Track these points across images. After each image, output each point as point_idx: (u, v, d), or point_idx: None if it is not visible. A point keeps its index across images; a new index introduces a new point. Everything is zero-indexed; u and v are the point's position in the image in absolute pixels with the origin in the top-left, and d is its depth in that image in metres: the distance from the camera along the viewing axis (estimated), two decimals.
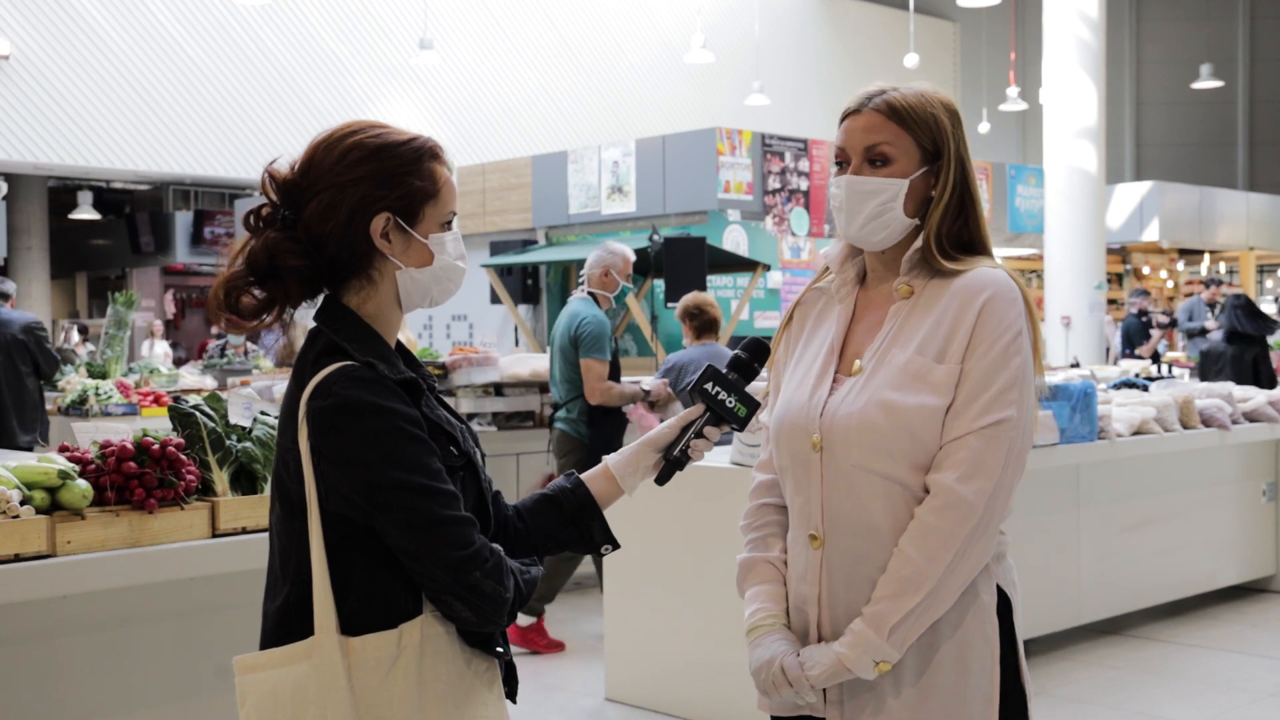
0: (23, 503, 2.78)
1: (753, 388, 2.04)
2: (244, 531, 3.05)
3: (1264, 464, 6.91)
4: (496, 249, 11.11)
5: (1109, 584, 6.01)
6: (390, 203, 1.78)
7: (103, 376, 8.11)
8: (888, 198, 1.97)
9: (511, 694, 1.89)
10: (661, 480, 2.00)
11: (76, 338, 11.70)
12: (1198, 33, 25.07)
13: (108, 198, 18.94)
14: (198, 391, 7.76)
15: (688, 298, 6.52)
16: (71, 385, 7.66)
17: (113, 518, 2.87)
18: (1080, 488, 5.88)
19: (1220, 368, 9.43)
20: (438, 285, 1.85)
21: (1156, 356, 13.78)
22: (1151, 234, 18.12)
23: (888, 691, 1.93)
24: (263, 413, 3.31)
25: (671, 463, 1.98)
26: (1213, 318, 14.07)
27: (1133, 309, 14.52)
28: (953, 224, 1.99)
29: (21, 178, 16.28)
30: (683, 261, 8.68)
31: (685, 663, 4.79)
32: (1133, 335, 14.17)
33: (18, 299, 10.15)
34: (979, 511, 1.87)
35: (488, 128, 17.84)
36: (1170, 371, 10.01)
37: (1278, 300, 20.62)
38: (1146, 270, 20.04)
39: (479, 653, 1.80)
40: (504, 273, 10.82)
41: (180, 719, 3.16)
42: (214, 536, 3.02)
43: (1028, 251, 15.49)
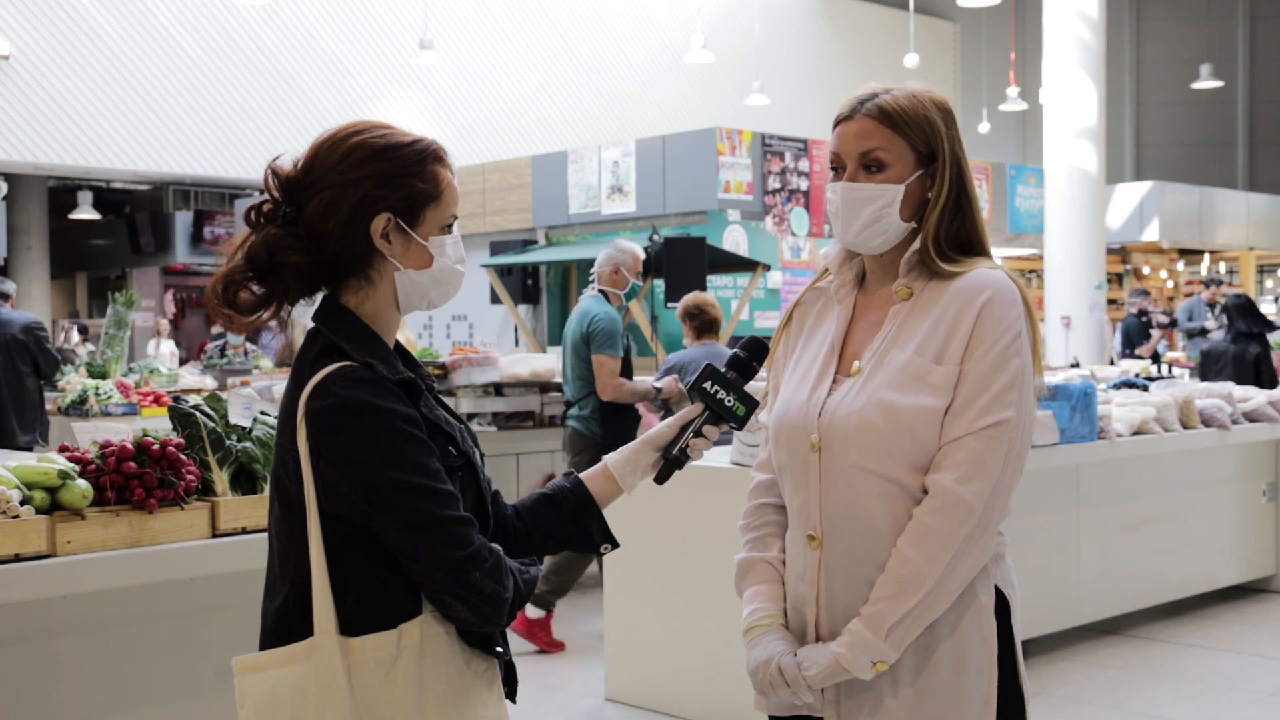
0: (23, 503, 2.78)
1: (752, 387, 2.05)
2: (244, 531, 3.05)
3: (1264, 464, 6.91)
4: (496, 249, 11.10)
5: (1109, 584, 6.01)
6: (392, 203, 1.78)
7: (103, 376, 8.11)
8: (884, 204, 1.97)
9: (511, 694, 1.89)
10: (661, 479, 2.01)
11: (76, 338, 11.69)
12: (1198, 33, 25.06)
13: (108, 198, 18.93)
14: (198, 391, 7.76)
15: (688, 298, 6.52)
16: (71, 385, 7.66)
17: (113, 518, 2.87)
18: (1080, 488, 5.88)
19: (1221, 367, 9.42)
20: (436, 288, 1.85)
21: (1156, 356, 13.77)
22: (1151, 234, 18.11)
23: (885, 691, 1.93)
24: (263, 413, 3.31)
25: (671, 461, 1.98)
26: (1213, 318, 14.06)
27: (1133, 309, 14.52)
28: (950, 225, 1.99)
29: (21, 178, 16.27)
30: (683, 261, 8.67)
31: (685, 663, 4.79)
32: (1133, 335, 14.16)
33: (18, 299, 10.15)
34: (978, 512, 1.87)
35: (488, 128, 17.84)
36: (1170, 371, 10.01)
37: (1278, 300, 20.61)
38: (1146, 270, 20.03)
39: (479, 653, 1.80)
40: (504, 273, 10.82)
41: (180, 719, 3.16)
42: (214, 536, 3.02)
43: (1028, 251, 15.48)
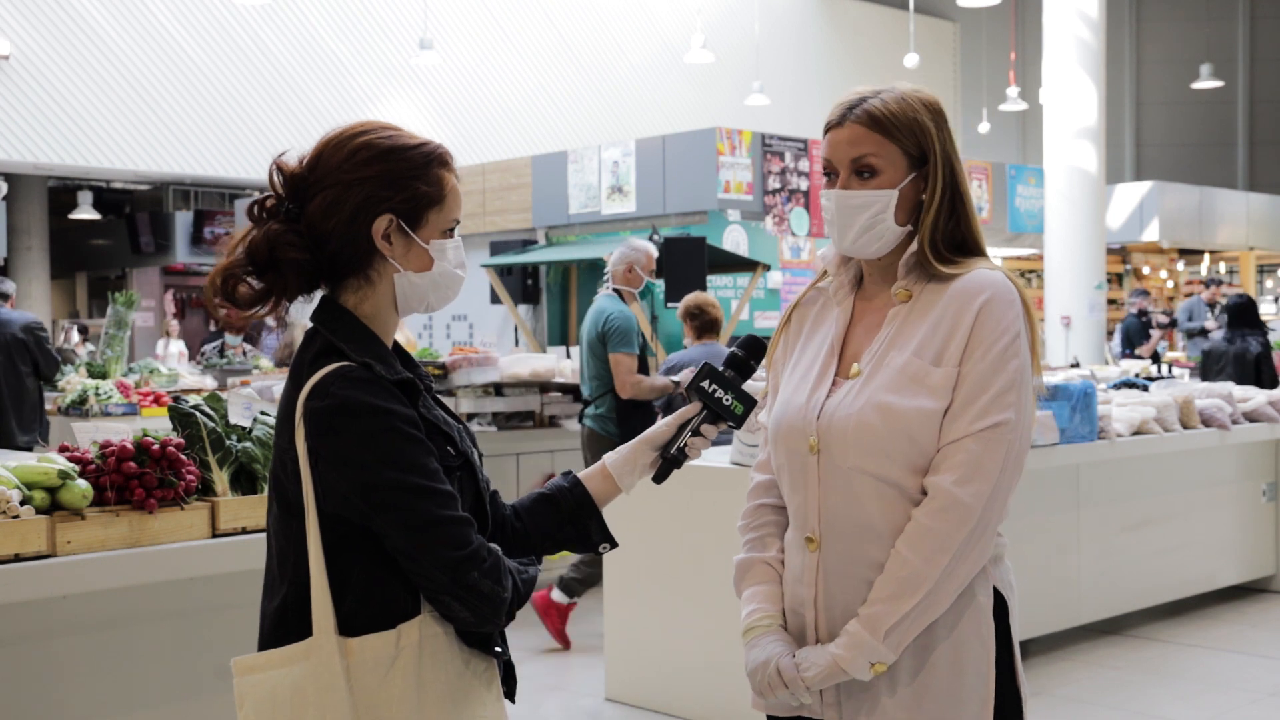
0: (23, 503, 2.78)
1: (751, 386, 2.05)
2: (244, 531, 3.05)
3: (1264, 464, 6.91)
4: (496, 249, 11.09)
5: (1109, 584, 6.01)
6: (395, 205, 1.78)
7: (103, 376, 8.11)
8: (878, 209, 1.97)
9: (510, 694, 1.89)
10: (659, 478, 2.01)
11: (76, 338, 11.68)
12: (1198, 33, 25.05)
13: (108, 198, 18.91)
14: (198, 391, 7.76)
15: (689, 298, 6.53)
16: (71, 385, 7.66)
17: (113, 518, 2.87)
18: (1080, 488, 5.88)
19: (1221, 367, 9.41)
20: (435, 292, 1.85)
21: (1156, 356, 13.77)
22: (1151, 234, 18.10)
23: (883, 692, 1.93)
24: (263, 413, 3.32)
25: (669, 461, 1.98)
26: (1212, 318, 14.05)
27: (1132, 309, 14.51)
28: (945, 226, 1.99)
29: (21, 178, 16.26)
30: (683, 261, 8.66)
31: (685, 663, 4.79)
32: (1133, 335, 14.15)
33: (18, 299, 10.16)
34: (976, 514, 1.87)
35: (488, 128, 17.83)
36: (1170, 371, 10.00)
37: (1278, 300, 20.60)
38: (1146, 270, 20.02)
39: (477, 653, 1.80)
40: (504, 273, 10.81)
41: (180, 719, 3.16)
42: (214, 536, 3.02)
43: (1028, 251, 15.47)
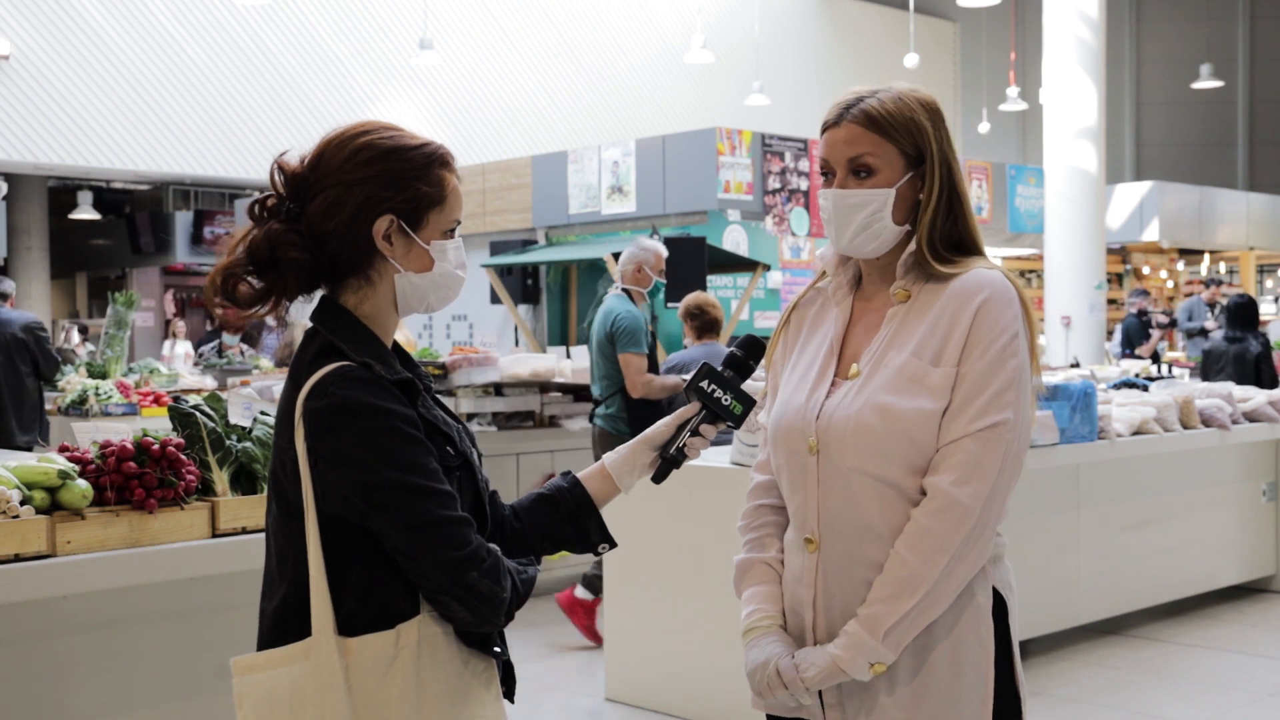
0: (23, 503, 2.78)
1: (751, 386, 2.04)
2: (244, 531, 3.06)
3: (1264, 464, 6.91)
4: (496, 249, 11.08)
5: (1109, 584, 6.01)
6: (395, 205, 1.78)
7: (103, 376, 8.11)
8: (875, 209, 1.97)
9: (509, 694, 1.89)
10: (659, 478, 2.01)
11: (77, 338, 11.67)
12: (1198, 33, 25.05)
13: (108, 198, 18.91)
14: (198, 391, 7.76)
15: (690, 298, 6.53)
16: (71, 385, 7.66)
17: (113, 518, 2.87)
18: (1080, 488, 5.88)
19: (1221, 367, 9.40)
20: (435, 292, 1.85)
21: (1156, 356, 13.76)
22: (1151, 234, 18.09)
23: (882, 692, 1.93)
24: (263, 413, 3.31)
25: (668, 461, 1.98)
26: (1212, 318, 14.05)
27: (1132, 309, 14.51)
28: (943, 225, 1.99)
29: (21, 178, 16.26)
30: (683, 261, 8.65)
31: (685, 663, 4.79)
32: (1132, 335, 14.14)
33: (18, 299, 10.16)
34: (975, 514, 1.87)
35: (488, 128, 17.83)
36: (1170, 371, 10.00)
37: (1278, 300, 20.59)
38: (1146, 270, 20.01)
39: (476, 653, 1.80)
40: (504, 273, 10.81)
41: (180, 719, 3.16)
42: (214, 536, 3.02)
43: (1028, 251, 15.47)
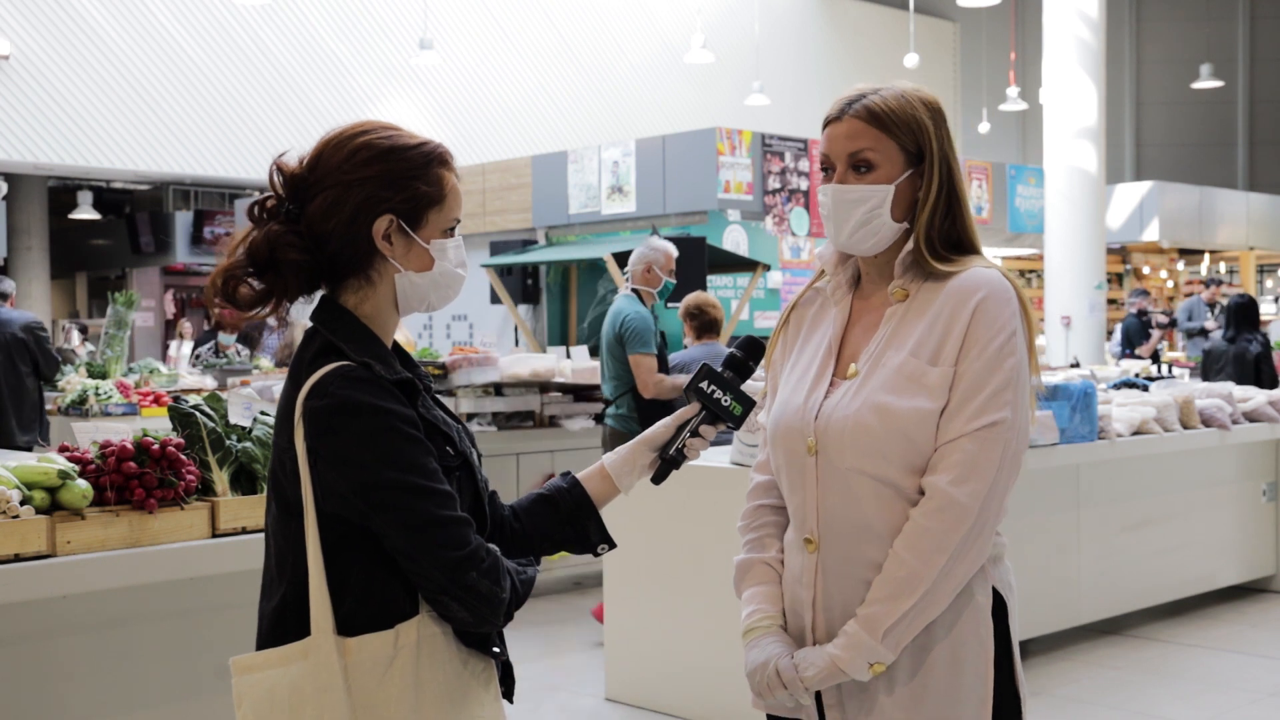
0: (23, 503, 2.78)
1: (750, 387, 2.04)
2: (244, 531, 3.05)
3: (1264, 464, 6.91)
4: (496, 249, 11.08)
5: (1109, 584, 6.01)
6: (395, 205, 1.78)
7: (103, 376, 8.11)
8: (874, 204, 1.97)
9: (508, 694, 1.89)
10: (658, 479, 2.01)
11: (78, 338, 11.66)
12: (1198, 33, 25.05)
13: (108, 198, 18.91)
14: (198, 391, 7.76)
15: (689, 298, 6.54)
16: (71, 385, 7.66)
17: (113, 518, 2.87)
18: (1080, 488, 5.88)
19: (1221, 367, 9.40)
20: (436, 291, 1.85)
21: (1156, 356, 13.76)
22: (1151, 234, 18.09)
23: (882, 692, 1.94)
24: (263, 412, 3.31)
25: (668, 461, 1.98)
26: (1212, 318, 14.04)
27: (1132, 309, 14.50)
28: (942, 224, 1.99)
29: (21, 178, 16.26)
30: (683, 261, 8.65)
31: (685, 663, 4.79)
32: (1132, 335, 14.14)
33: (18, 299, 10.16)
34: (973, 514, 1.87)
35: (488, 128, 17.83)
36: (1170, 371, 10.00)
37: (1278, 300, 20.59)
38: (1146, 270, 20.02)
39: (475, 653, 1.80)
40: (504, 273, 10.81)
41: (180, 719, 3.16)
42: (214, 536, 3.02)
43: (1028, 251, 15.47)
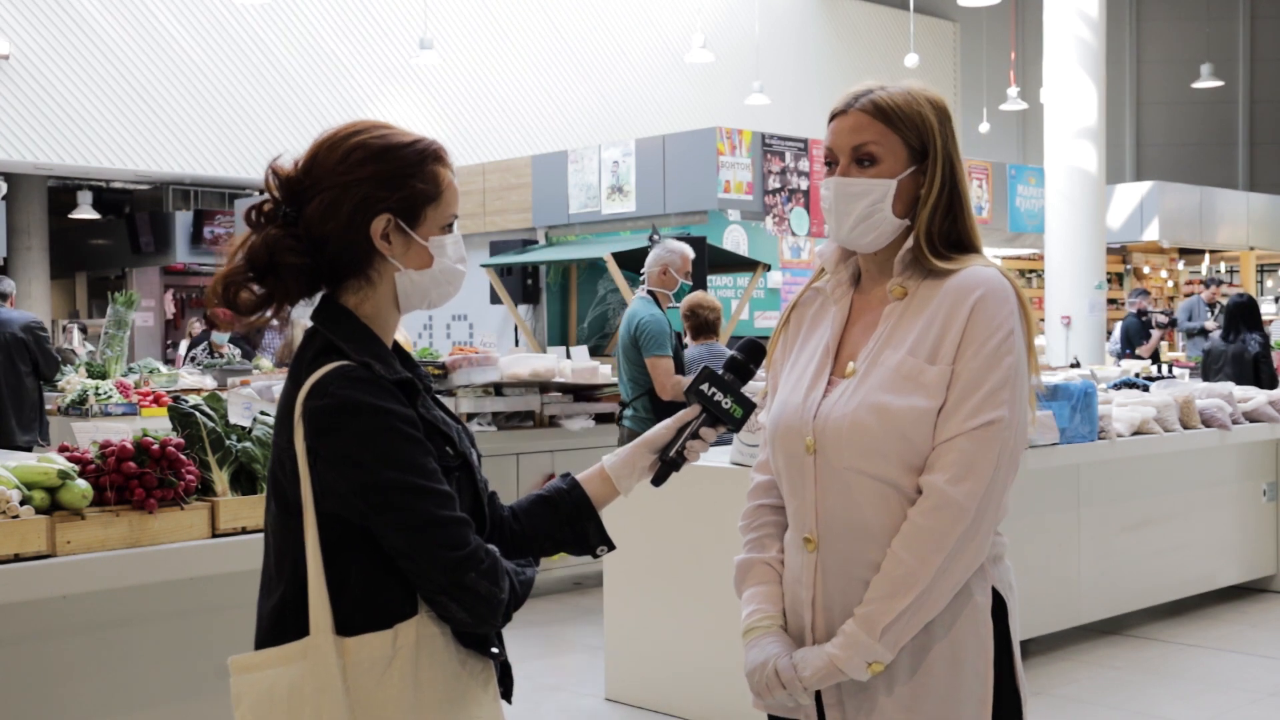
0: (23, 503, 2.78)
1: (751, 388, 2.04)
2: (244, 531, 3.05)
3: (1264, 464, 6.91)
4: (496, 249, 11.08)
5: (1109, 584, 6.01)
6: (392, 204, 1.78)
7: (102, 376, 8.11)
8: (876, 198, 1.97)
9: (507, 694, 1.89)
10: (658, 481, 2.00)
11: (78, 338, 11.67)
12: (1198, 33, 25.05)
13: (108, 198, 18.91)
14: (198, 391, 7.76)
15: (687, 298, 6.55)
16: (71, 385, 7.66)
17: (113, 518, 2.87)
18: (1080, 488, 5.88)
19: (1220, 367, 9.40)
20: (436, 288, 1.85)
21: (1156, 356, 13.76)
22: (1152, 234, 18.09)
23: (881, 691, 1.93)
24: (262, 412, 3.31)
25: (668, 464, 1.98)
26: (1212, 318, 14.04)
27: (1132, 309, 14.50)
28: (942, 222, 1.99)
29: (21, 178, 16.26)
30: None
31: (685, 663, 4.79)
32: (1132, 335, 14.14)
33: (17, 299, 10.15)
34: (970, 513, 1.87)
35: (488, 128, 17.83)
36: (1170, 371, 9.99)
37: (1278, 300, 20.59)
38: (1147, 270, 20.01)
39: (474, 653, 1.80)
40: (504, 273, 10.80)
41: (180, 719, 3.16)
42: (214, 536, 3.02)
43: (1028, 251, 15.47)
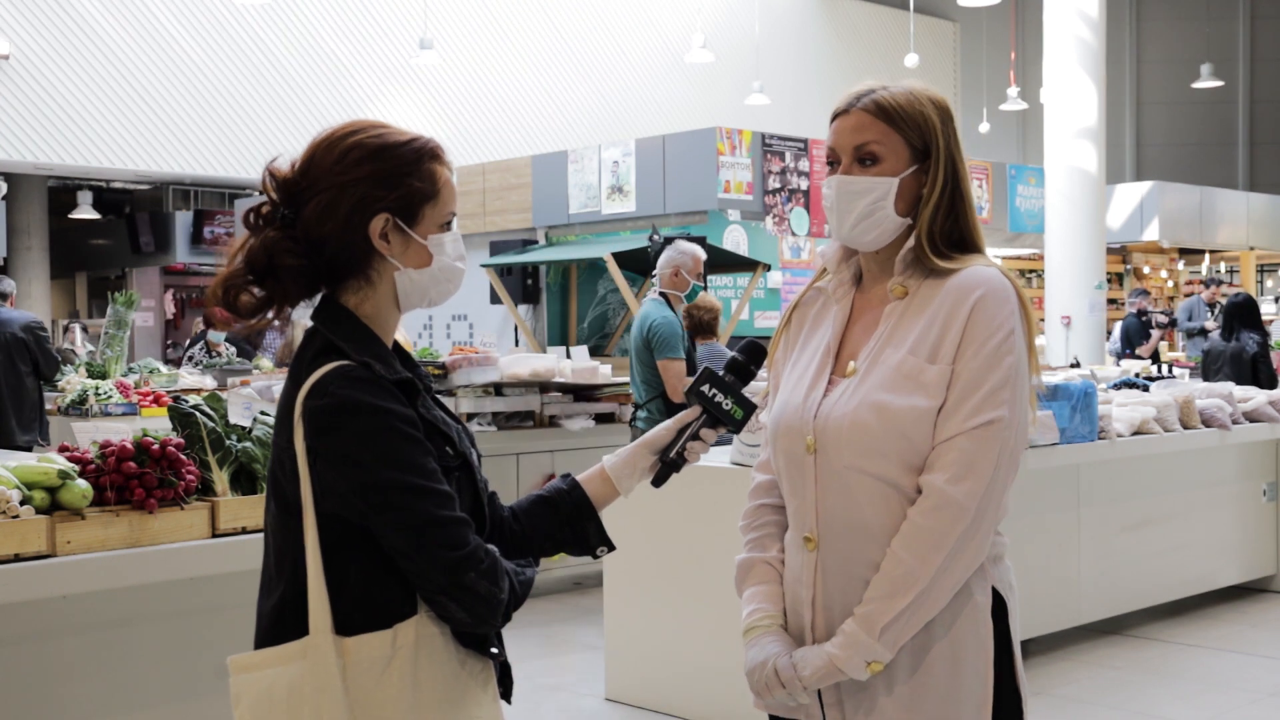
0: (23, 503, 2.78)
1: (752, 389, 2.04)
2: (244, 531, 3.06)
3: (1264, 464, 6.91)
4: (496, 249, 11.08)
5: (1109, 584, 6.01)
6: (389, 203, 1.78)
7: (103, 376, 8.11)
8: (877, 197, 1.97)
9: (506, 695, 1.89)
10: (658, 482, 2.00)
11: (79, 337, 11.66)
12: (1198, 33, 25.05)
13: (108, 198, 18.91)
14: (198, 391, 7.76)
15: None
16: (71, 385, 7.65)
17: (113, 518, 2.87)
18: (1080, 488, 5.88)
19: (1219, 367, 9.40)
20: (436, 286, 1.85)
21: (1156, 356, 13.76)
22: (1152, 234, 18.09)
23: (881, 691, 1.93)
24: (263, 412, 3.31)
25: (668, 465, 1.98)
26: (1212, 318, 14.04)
27: (1132, 309, 14.51)
28: (944, 222, 1.99)
29: (21, 178, 16.26)
30: None
31: (685, 663, 4.79)
32: (1132, 335, 14.14)
33: (18, 299, 10.15)
34: (970, 513, 1.87)
35: (488, 128, 17.83)
36: (1170, 371, 9.99)
37: (1278, 300, 20.59)
38: (1147, 270, 20.02)
39: (473, 653, 1.80)
40: (504, 273, 10.80)
41: (180, 719, 3.16)
42: (214, 536, 3.02)
43: (1028, 251, 15.47)
